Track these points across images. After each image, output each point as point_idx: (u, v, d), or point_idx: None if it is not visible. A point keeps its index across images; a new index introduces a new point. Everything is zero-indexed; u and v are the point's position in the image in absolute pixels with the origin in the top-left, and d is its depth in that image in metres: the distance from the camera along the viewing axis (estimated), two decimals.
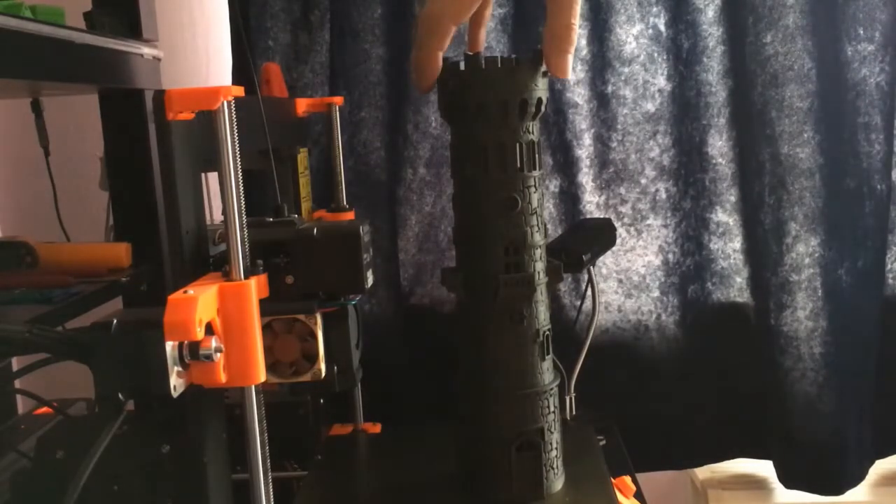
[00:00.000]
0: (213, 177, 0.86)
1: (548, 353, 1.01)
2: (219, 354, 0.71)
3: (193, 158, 0.81)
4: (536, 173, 0.97)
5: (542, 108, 0.97)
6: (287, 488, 1.15)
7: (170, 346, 0.69)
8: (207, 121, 0.77)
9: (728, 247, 1.52)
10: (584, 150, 1.49)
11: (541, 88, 0.96)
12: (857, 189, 1.45)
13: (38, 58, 0.93)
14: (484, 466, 1.00)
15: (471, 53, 0.96)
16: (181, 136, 0.79)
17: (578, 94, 1.48)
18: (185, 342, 0.69)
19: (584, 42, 1.47)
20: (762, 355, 1.50)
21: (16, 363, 1.22)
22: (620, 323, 1.53)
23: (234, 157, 0.76)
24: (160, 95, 0.76)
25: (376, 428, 1.31)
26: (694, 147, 1.49)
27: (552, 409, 1.00)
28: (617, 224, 1.47)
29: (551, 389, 1.00)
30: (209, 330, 0.72)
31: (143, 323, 0.69)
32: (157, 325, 0.68)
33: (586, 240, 1.26)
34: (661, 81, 1.48)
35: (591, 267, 1.24)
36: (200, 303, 0.70)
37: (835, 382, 1.47)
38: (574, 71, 1.47)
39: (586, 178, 1.50)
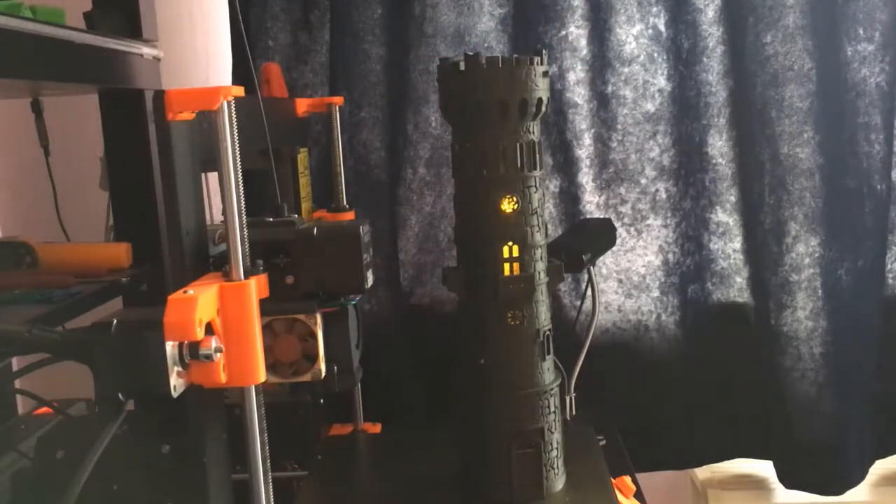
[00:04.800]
0: (213, 177, 0.86)
1: (548, 353, 1.01)
2: (219, 354, 0.71)
3: (193, 158, 0.81)
4: (537, 173, 0.97)
5: (543, 109, 0.97)
6: (287, 488, 1.15)
7: (170, 346, 0.69)
8: (207, 121, 0.78)
9: (728, 247, 1.52)
10: (584, 150, 1.49)
11: (541, 88, 0.96)
12: (857, 189, 1.45)
13: (38, 58, 0.93)
14: (484, 466, 1.00)
15: (471, 53, 0.96)
16: (181, 136, 0.79)
17: (578, 94, 1.48)
18: (185, 342, 0.69)
19: (584, 42, 1.47)
20: (762, 355, 1.50)
21: (16, 363, 1.22)
22: (620, 323, 1.53)
23: (234, 157, 0.76)
24: (160, 95, 0.76)
25: (376, 428, 1.31)
26: (694, 147, 1.49)
27: (552, 409, 1.00)
28: (617, 224, 1.47)
29: (552, 389, 1.00)
30: (209, 330, 0.72)
31: (143, 323, 0.69)
32: (157, 325, 0.68)
33: (586, 240, 1.26)
34: (661, 81, 1.48)
35: (591, 267, 1.23)
36: (200, 303, 0.70)
37: (835, 382, 1.47)
38: (574, 71, 1.47)
39: (586, 178, 1.50)
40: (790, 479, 1.53)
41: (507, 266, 0.97)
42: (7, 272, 1.07)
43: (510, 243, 0.97)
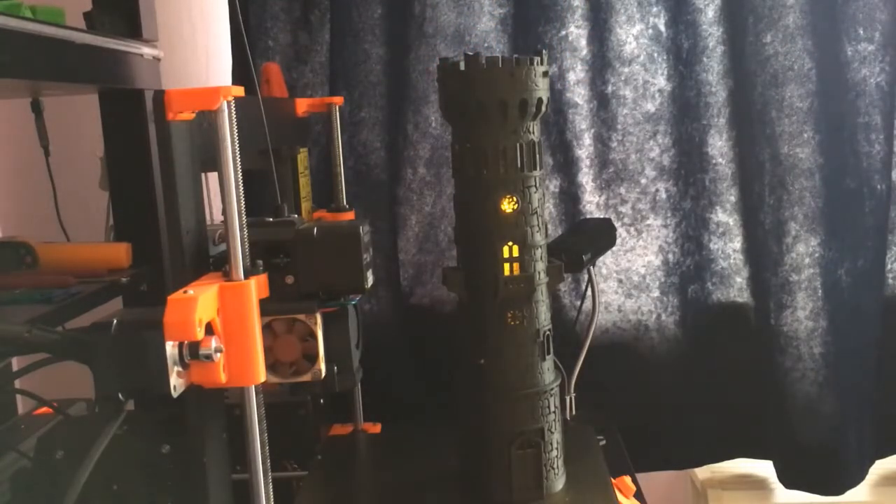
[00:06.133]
0: (213, 177, 0.86)
1: (548, 353, 1.01)
2: (219, 354, 0.71)
3: (193, 158, 0.81)
4: (537, 173, 0.97)
5: (543, 109, 0.97)
6: (287, 488, 1.15)
7: (170, 346, 0.69)
8: (207, 121, 0.78)
9: (728, 247, 1.52)
10: (584, 150, 1.49)
11: (541, 88, 0.96)
12: (857, 189, 1.45)
13: (38, 58, 0.93)
14: (484, 466, 1.00)
15: (471, 53, 0.96)
16: (181, 136, 0.79)
17: (578, 94, 1.48)
18: (185, 342, 0.69)
19: (584, 42, 1.47)
20: (762, 355, 1.50)
21: (16, 363, 1.22)
22: (620, 323, 1.53)
23: (234, 157, 0.76)
24: (160, 95, 0.77)
25: (376, 428, 1.31)
26: (694, 147, 1.49)
27: (552, 409, 1.00)
28: (617, 224, 1.47)
29: (551, 389, 1.00)
30: (209, 330, 0.72)
31: (143, 323, 0.69)
32: (157, 325, 0.68)
33: (586, 240, 1.26)
34: (661, 81, 1.48)
35: (591, 267, 1.23)
36: (200, 303, 0.70)
37: (835, 382, 1.47)
38: (574, 71, 1.47)
39: (586, 178, 1.50)
40: (790, 479, 1.53)
41: (507, 266, 0.97)
42: (7, 272, 1.07)
43: (510, 243, 0.97)
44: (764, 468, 1.62)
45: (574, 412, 1.26)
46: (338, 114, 1.27)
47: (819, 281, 1.46)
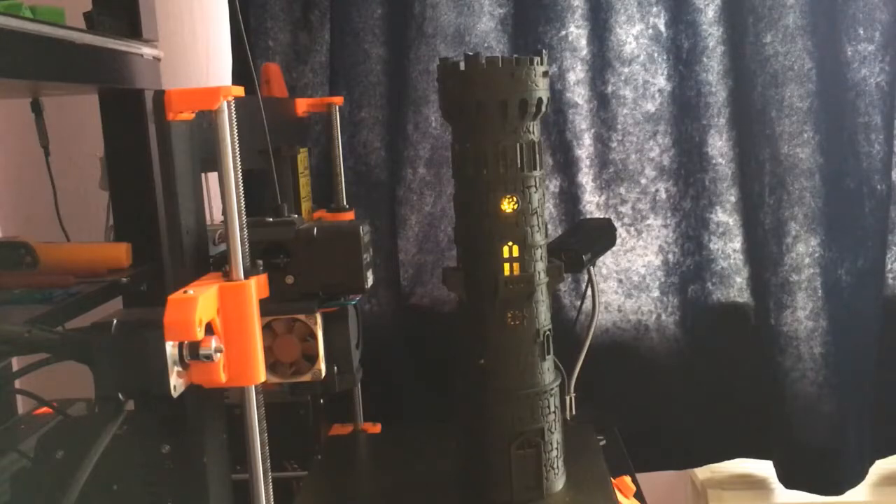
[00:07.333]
0: (213, 177, 0.86)
1: (548, 353, 1.01)
2: (219, 354, 0.71)
3: (193, 158, 0.81)
4: (537, 173, 0.97)
5: (543, 109, 0.97)
6: (287, 488, 1.15)
7: (170, 346, 0.69)
8: (207, 121, 0.78)
9: (728, 247, 1.52)
10: (584, 150, 1.49)
11: (541, 88, 0.96)
12: (857, 189, 1.45)
13: (38, 58, 0.93)
14: (484, 466, 1.00)
15: (471, 54, 0.96)
16: (181, 136, 0.79)
17: (578, 94, 1.48)
18: (186, 342, 0.69)
19: (584, 42, 1.47)
20: (762, 355, 1.50)
21: (16, 363, 1.22)
22: (620, 323, 1.53)
23: (234, 157, 0.76)
24: (160, 95, 0.77)
25: (376, 428, 1.31)
26: (694, 147, 1.49)
27: (552, 409, 1.00)
28: (617, 224, 1.47)
29: (552, 389, 1.00)
30: (209, 330, 0.72)
31: (143, 323, 0.69)
32: (157, 325, 0.68)
33: (586, 240, 1.26)
34: (661, 81, 1.48)
35: (591, 267, 1.23)
36: (200, 303, 0.70)
37: (835, 382, 1.47)
38: (574, 71, 1.47)
39: (586, 178, 1.50)
40: (790, 479, 1.53)
41: (507, 266, 0.97)
42: (7, 272, 1.07)
43: (510, 243, 0.97)
44: (764, 468, 1.62)
45: (574, 412, 1.26)
46: (338, 114, 1.27)
47: (819, 281, 1.46)
